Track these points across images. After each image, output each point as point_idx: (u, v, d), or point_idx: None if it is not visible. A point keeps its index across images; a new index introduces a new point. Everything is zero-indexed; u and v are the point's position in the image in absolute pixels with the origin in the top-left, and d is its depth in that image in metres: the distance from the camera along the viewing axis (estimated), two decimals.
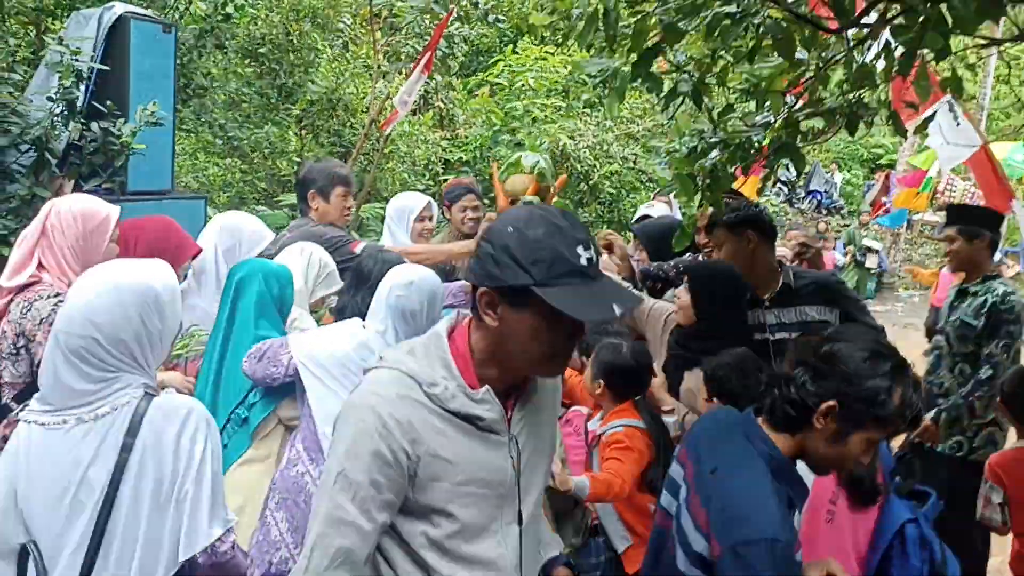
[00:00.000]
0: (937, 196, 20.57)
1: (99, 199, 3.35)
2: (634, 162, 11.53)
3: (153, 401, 2.24)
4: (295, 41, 9.39)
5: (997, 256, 17.83)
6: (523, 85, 10.41)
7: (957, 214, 4.75)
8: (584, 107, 11.72)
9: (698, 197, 3.26)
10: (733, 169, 3.19)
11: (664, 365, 3.81)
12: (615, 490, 3.27)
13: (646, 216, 5.49)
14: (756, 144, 3.00)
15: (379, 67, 9.37)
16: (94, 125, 5.11)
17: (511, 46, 11.39)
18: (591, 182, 10.37)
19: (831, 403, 1.98)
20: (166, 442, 2.19)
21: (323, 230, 4.36)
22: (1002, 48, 3.08)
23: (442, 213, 5.36)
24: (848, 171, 24.46)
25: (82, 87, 5.17)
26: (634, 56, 2.74)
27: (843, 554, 2.44)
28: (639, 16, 2.55)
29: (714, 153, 3.20)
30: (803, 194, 21.61)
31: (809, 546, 2.29)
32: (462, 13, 8.98)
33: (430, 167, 11.07)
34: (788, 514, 2.03)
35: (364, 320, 3.21)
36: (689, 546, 2.07)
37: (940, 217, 22.00)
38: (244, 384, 3.18)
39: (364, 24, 9.51)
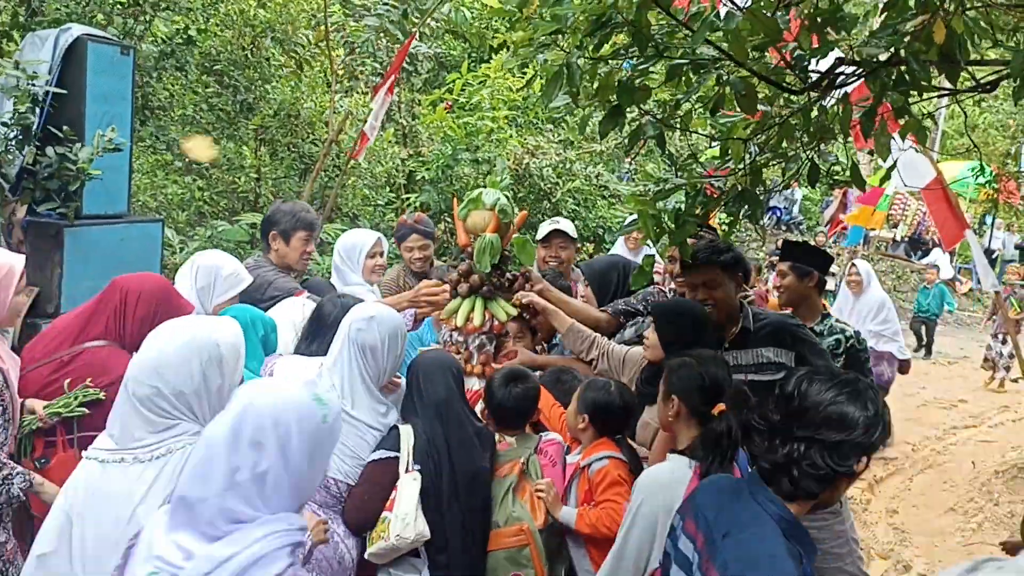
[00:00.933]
0: (890, 214, 20.96)
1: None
2: (596, 177, 11.58)
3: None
4: (250, 56, 9.30)
5: (950, 272, 18.05)
6: (479, 101, 10.38)
7: (790, 250, 4.80)
8: (546, 123, 11.77)
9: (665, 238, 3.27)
10: (697, 212, 3.20)
11: None
12: (602, 532, 3.29)
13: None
14: (719, 190, 3.02)
15: (339, 84, 9.31)
16: (49, 150, 5.01)
17: (467, 62, 11.36)
18: (554, 199, 10.38)
19: (860, 465, 2.03)
20: None
21: (272, 277, 4.38)
22: (960, 98, 3.13)
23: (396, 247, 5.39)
24: (807, 187, 24.78)
25: (37, 110, 5.07)
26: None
27: None
28: (604, 73, 2.56)
29: (678, 196, 3.22)
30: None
31: None
32: (425, 31, 8.96)
33: (392, 182, 11.01)
34: (802, 573, 2.04)
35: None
36: None
37: (894, 234, 22.44)
38: None
39: (320, 43, 9.44)
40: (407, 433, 3.25)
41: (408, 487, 3.09)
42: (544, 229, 5.35)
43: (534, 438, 3.66)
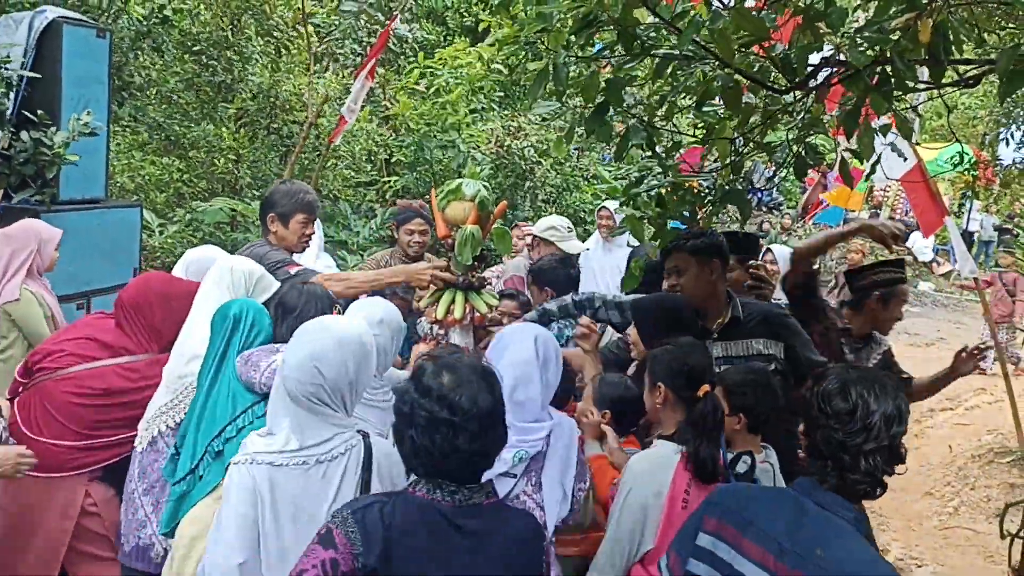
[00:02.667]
0: (872, 197, 21.05)
1: None
2: (577, 158, 11.55)
3: (372, 439, 2.56)
4: (230, 37, 9.18)
5: (929, 255, 18.12)
6: (439, 88, 10.26)
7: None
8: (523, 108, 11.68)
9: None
10: (684, 213, 3.21)
11: None
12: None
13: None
14: (705, 189, 3.02)
15: (317, 65, 9.22)
16: (24, 134, 4.94)
17: (422, 55, 11.20)
18: (534, 180, 10.34)
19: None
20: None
21: (264, 251, 4.29)
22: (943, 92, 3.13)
23: (390, 231, 5.35)
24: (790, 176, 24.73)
25: (11, 94, 5.00)
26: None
27: None
28: (589, 71, 2.54)
29: (658, 181, 3.21)
30: None
31: (667, 528, 2.63)
32: (406, 14, 8.88)
33: (372, 159, 10.93)
34: None
35: None
36: None
37: (872, 215, 22.53)
38: (223, 419, 3.14)
39: (296, 26, 9.34)
40: None
41: None
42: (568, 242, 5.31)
43: None
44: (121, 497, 3.39)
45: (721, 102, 2.97)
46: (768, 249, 7.69)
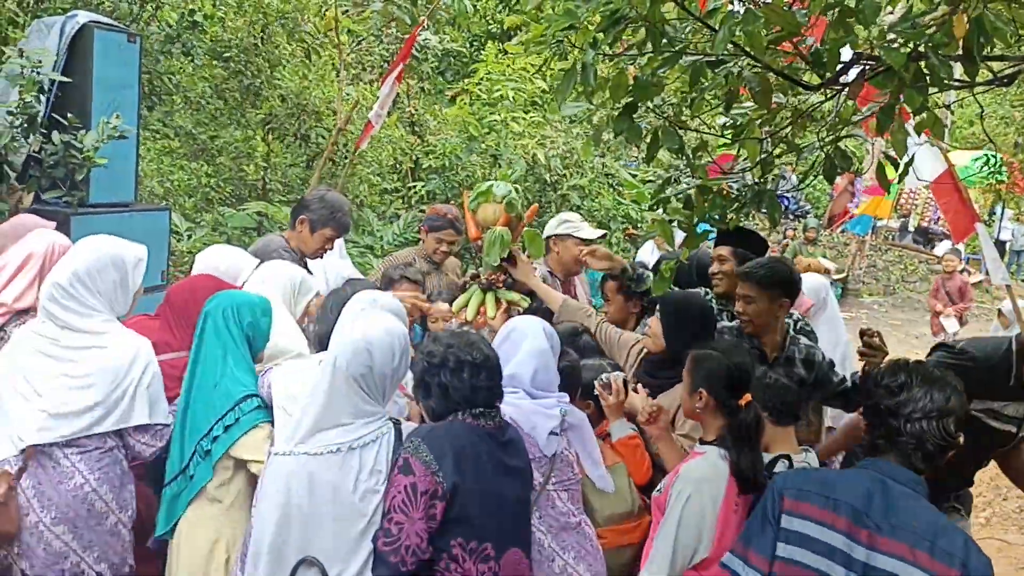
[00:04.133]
0: (901, 204, 20.85)
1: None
2: (603, 166, 11.52)
3: (402, 427, 2.77)
4: (260, 44, 9.25)
5: (960, 264, 18.06)
6: (502, 95, 10.28)
7: (727, 236, 4.25)
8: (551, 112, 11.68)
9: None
10: (715, 216, 3.18)
11: None
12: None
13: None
14: (736, 191, 2.99)
15: (346, 72, 9.26)
16: (55, 137, 4.98)
17: (488, 51, 11.24)
18: (560, 191, 10.34)
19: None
20: None
21: (278, 245, 4.37)
22: (976, 92, 3.07)
23: (418, 232, 5.39)
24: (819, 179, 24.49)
25: (43, 98, 5.04)
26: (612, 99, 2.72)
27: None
28: (617, 71, 2.52)
29: (687, 184, 3.19)
30: None
31: (723, 528, 2.82)
32: (431, 24, 8.91)
33: (398, 168, 10.97)
34: None
35: None
36: None
37: (903, 223, 22.31)
38: (208, 419, 3.15)
39: (328, 32, 9.38)
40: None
41: None
42: (586, 231, 5.09)
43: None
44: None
45: (750, 102, 2.94)
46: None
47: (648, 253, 7.17)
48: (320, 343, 3.46)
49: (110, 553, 3.09)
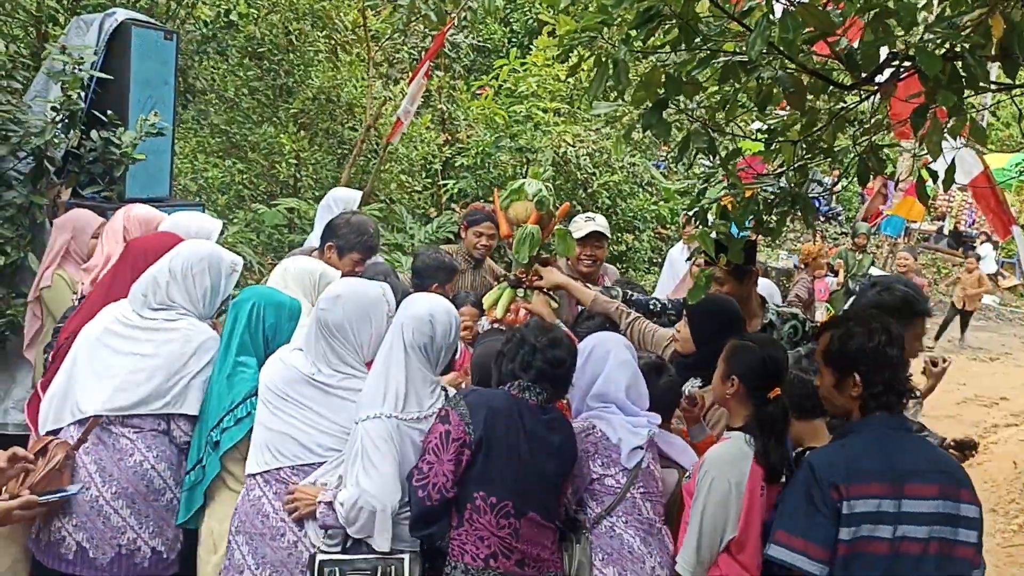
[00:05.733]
0: (936, 207, 20.59)
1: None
2: (632, 167, 11.48)
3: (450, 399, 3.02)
4: (295, 40, 9.32)
5: (993, 268, 17.68)
6: (527, 89, 10.30)
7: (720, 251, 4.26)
8: (587, 112, 11.67)
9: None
10: (753, 223, 3.19)
11: None
12: None
13: None
14: (770, 196, 2.98)
15: (376, 69, 9.30)
16: (94, 134, 5.07)
17: (515, 49, 11.28)
18: (589, 190, 10.32)
19: None
20: None
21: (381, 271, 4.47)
22: (1014, 95, 3.04)
23: (458, 232, 5.43)
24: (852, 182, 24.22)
25: (82, 94, 5.13)
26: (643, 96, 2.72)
27: (767, 517, 2.92)
28: (649, 68, 2.52)
29: (720, 191, 3.20)
30: None
31: (749, 509, 2.90)
32: (465, 16, 8.91)
33: (428, 168, 11.00)
34: None
35: None
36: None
37: (936, 227, 22.05)
38: (219, 409, 3.20)
39: (356, 28, 9.43)
40: None
41: None
42: (581, 229, 5.04)
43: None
44: None
45: (784, 105, 2.93)
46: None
47: (678, 252, 7.10)
48: None
49: (165, 528, 3.18)
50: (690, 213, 3.32)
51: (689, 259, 5.55)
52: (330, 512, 2.90)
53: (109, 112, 5.13)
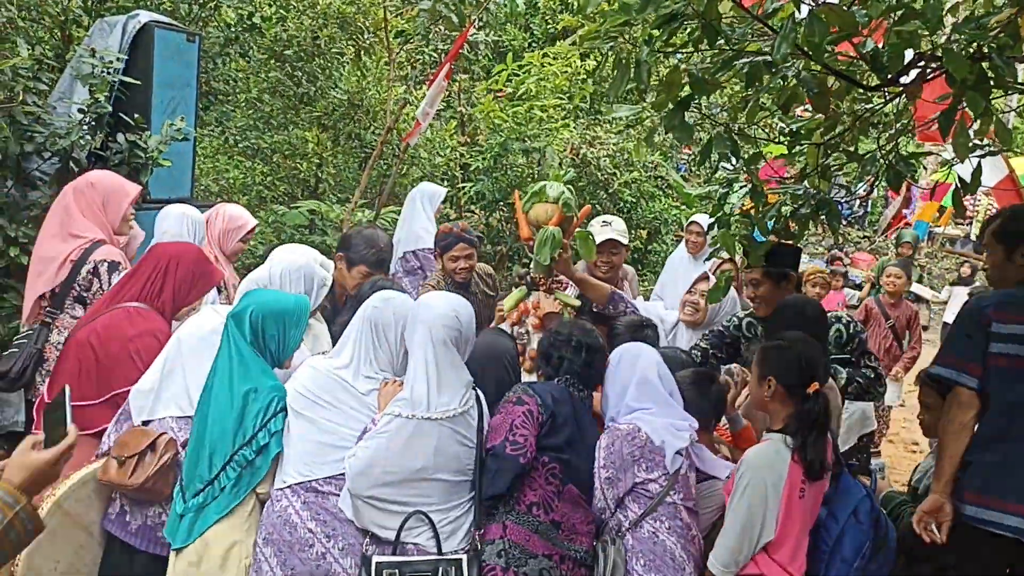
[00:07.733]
0: (964, 211, 20.36)
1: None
2: (655, 167, 11.41)
3: (479, 395, 3.13)
4: (322, 46, 9.34)
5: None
6: (526, 91, 10.24)
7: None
8: (605, 114, 11.61)
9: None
10: (777, 229, 3.17)
11: None
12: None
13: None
14: (799, 199, 2.95)
15: (398, 72, 9.29)
16: (120, 137, 5.11)
17: (535, 53, 11.23)
18: (610, 190, 10.26)
19: None
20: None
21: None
22: None
23: (435, 258, 5.27)
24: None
25: (108, 96, 5.17)
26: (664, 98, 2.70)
27: (810, 517, 3.07)
28: (670, 68, 2.50)
29: (743, 194, 3.18)
30: None
31: (787, 515, 2.99)
32: (486, 18, 8.89)
33: (448, 173, 10.99)
34: None
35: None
36: None
37: (961, 231, 21.81)
38: (233, 427, 3.08)
39: (378, 30, 9.43)
40: None
41: None
42: (598, 235, 4.85)
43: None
44: None
45: (807, 107, 2.91)
46: (694, 220, 6.78)
47: (678, 257, 7.02)
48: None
49: None
50: (698, 219, 3.32)
51: (708, 259, 5.53)
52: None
53: (136, 116, 5.17)
